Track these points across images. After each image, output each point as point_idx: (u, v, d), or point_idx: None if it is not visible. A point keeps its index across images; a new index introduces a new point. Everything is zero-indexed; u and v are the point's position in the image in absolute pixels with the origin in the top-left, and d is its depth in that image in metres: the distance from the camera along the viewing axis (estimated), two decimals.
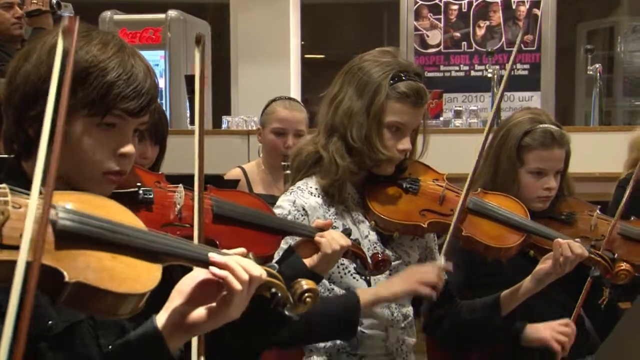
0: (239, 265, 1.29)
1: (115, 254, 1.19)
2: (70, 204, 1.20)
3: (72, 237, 1.15)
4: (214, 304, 1.30)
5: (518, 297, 2.25)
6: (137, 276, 1.20)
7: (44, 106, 1.35)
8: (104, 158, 1.43)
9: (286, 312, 1.37)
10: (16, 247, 1.06)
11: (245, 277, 1.29)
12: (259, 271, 1.31)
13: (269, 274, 1.35)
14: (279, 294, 1.35)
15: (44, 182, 1.12)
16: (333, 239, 1.87)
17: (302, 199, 2.09)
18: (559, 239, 2.18)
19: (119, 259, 1.19)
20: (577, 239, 2.22)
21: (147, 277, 1.21)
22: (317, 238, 1.89)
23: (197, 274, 1.31)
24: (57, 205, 1.16)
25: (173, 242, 1.29)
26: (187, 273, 1.34)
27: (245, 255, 1.34)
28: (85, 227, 1.18)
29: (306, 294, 1.39)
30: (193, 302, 1.30)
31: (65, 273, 1.11)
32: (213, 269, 1.29)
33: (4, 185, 1.12)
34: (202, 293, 1.30)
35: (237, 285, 1.28)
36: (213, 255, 1.30)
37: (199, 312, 1.30)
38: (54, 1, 3.96)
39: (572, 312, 2.35)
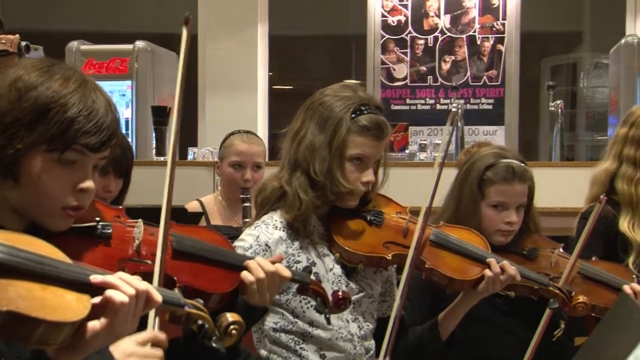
0: (122, 281, 1.31)
1: (45, 285, 1.22)
2: None
3: (1, 269, 1.17)
4: (103, 320, 1.28)
5: (454, 316, 2.26)
6: (68, 305, 1.23)
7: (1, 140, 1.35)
8: (63, 194, 1.44)
9: (213, 345, 1.43)
10: None
11: (131, 290, 1.30)
12: (144, 285, 1.33)
13: (196, 307, 1.42)
14: (206, 326, 1.42)
15: None
16: (257, 269, 1.78)
17: (266, 234, 2.10)
18: (492, 259, 2.21)
19: (49, 290, 1.22)
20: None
21: (77, 307, 1.23)
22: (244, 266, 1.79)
23: None
24: None
25: (82, 269, 1.30)
26: None
27: None
28: (14, 259, 1.19)
29: (231, 326, 1.45)
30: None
31: None
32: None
33: None
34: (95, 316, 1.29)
35: (121, 298, 1.28)
36: (94, 276, 1.30)
37: (89, 329, 1.27)
38: (23, 44, 3.90)
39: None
